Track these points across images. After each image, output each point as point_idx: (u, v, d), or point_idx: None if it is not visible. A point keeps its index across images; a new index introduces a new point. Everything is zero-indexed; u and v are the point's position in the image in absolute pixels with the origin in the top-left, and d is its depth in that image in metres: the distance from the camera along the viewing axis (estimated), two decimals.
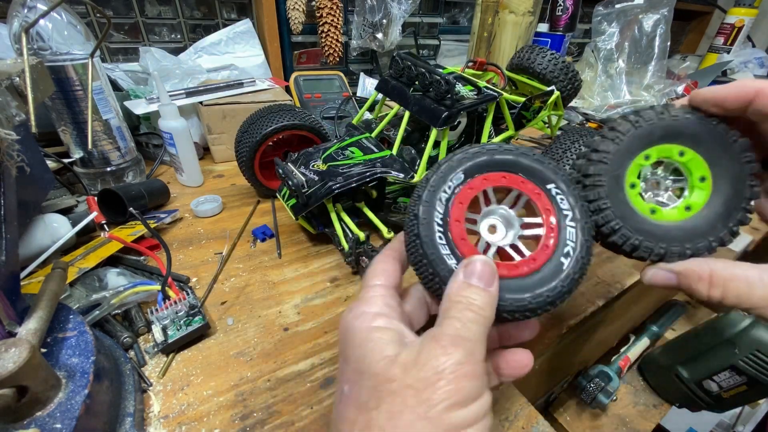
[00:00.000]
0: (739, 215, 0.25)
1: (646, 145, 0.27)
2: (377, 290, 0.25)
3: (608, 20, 1.08)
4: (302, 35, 0.88)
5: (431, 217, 0.25)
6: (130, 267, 0.43)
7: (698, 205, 0.27)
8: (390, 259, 0.28)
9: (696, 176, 0.27)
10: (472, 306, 0.22)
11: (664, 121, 0.26)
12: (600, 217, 0.27)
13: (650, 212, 0.27)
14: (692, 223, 0.26)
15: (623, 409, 0.75)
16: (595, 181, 0.27)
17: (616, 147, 0.26)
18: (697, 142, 0.26)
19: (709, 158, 0.26)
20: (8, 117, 0.30)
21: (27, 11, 0.43)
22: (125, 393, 0.29)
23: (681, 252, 0.25)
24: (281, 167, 0.45)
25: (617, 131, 0.27)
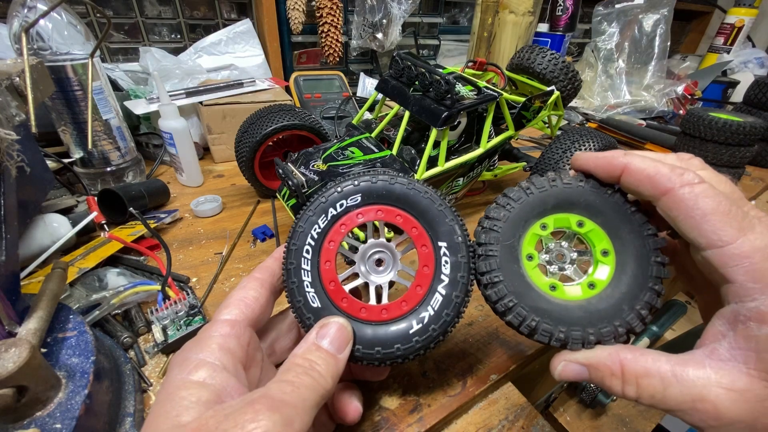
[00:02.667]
0: (647, 296, 0.22)
1: (540, 213, 0.24)
2: (220, 328, 0.22)
3: (608, 20, 1.08)
4: (302, 35, 0.88)
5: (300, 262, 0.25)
6: (130, 267, 0.43)
7: (602, 283, 0.24)
8: (255, 284, 0.25)
9: (598, 249, 0.24)
10: (312, 371, 0.21)
11: (556, 188, 0.24)
12: (493, 292, 0.24)
13: (550, 289, 0.24)
14: (596, 304, 0.23)
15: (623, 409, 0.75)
16: (487, 251, 0.24)
17: (507, 214, 0.24)
18: (594, 212, 0.24)
19: (609, 230, 0.24)
20: (8, 117, 0.30)
21: (27, 11, 0.43)
22: (125, 393, 0.29)
23: (584, 338, 0.22)
24: (281, 167, 0.45)
25: (508, 197, 0.25)
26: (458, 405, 0.31)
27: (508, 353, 0.36)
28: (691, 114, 0.70)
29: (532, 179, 0.25)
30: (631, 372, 0.21)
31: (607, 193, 0.24)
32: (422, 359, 0.34)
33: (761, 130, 0.65)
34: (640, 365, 0.20)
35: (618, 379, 0.21)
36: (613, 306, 0.23)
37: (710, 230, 0.19)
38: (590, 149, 0.48)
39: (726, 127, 0.65)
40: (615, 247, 0.24)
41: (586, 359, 0.22)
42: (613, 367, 0.21)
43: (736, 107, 0.85)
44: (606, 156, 0.23)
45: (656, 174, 0.21)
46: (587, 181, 0.24)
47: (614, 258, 0.24)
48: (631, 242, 0.23)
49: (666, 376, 0.20)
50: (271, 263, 0.27)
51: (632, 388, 0.20)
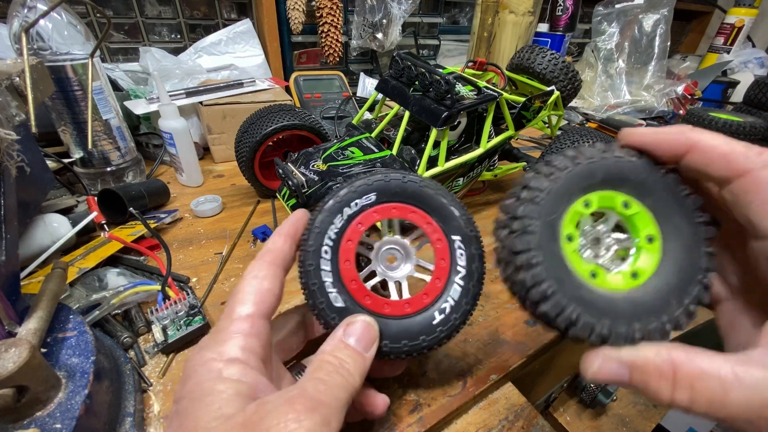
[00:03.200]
0: (696, 290, 0.20)
1: (587, 188, 0.21)
2: (240, 325, 0.21)
3: (608, 20, 1.08)
4: (302, 35, 0.88)
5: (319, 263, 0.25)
6: (130, 267, 0.43)
7: (647, 272, 0.21)
8: (268, 269, 0.23)
9: (643, 235, 0.21)
10: (342, 370, 0.21)
11: (607, 161, 0.21)
12: (529, 276, 0.20)
13: (590, 276, 0.21)
14: (641, 296, 0.21)
15: (623, 409, 0.75)
16: (525, 226, 0.20)
17: (552, 186, 0.21)
18: (644, 192, 0.21)
19: (657, 214, 0.21)
20: (8, 117, 0.30)
21: (27, 11, 0.43)
22: (125, 393, 0.29)
23: (629, 334, 0.20)
24: (281, 167, 0.45)
25: (553, 166, 0.21)
26: (458, 405, 0.31)
27: (508, 353, 0.36)
28: (691, 114, 0.70)
29: (579, 148, 0.22)
30: (685, 374, 0.17)
31: (662, 171, 0.21)
32: (422, 359, 0.34)
33: (761, 130, 0.65)
34: (696, 365, 0.17)
35: (668, 381, 0.18)
36: (661, 299, 0.20)
37: None
38: None
39: (726, 127, 0.65)
40: (662, 233, 0.21)
41: (631, 358, 0.19)
42: (663, 367, 0.18)
43: (736, 107, 0.85)
44: (670, 131, 0.20)
45: (732, 152, 0.18)
46: (640, 156, 0.21)
47: (660, 245, 0.21)
48: (681, 228, 0.21)
49: (727, 379, 0.17)
50: (280, 243, 0.25)
51: (685, 393, 0.17)
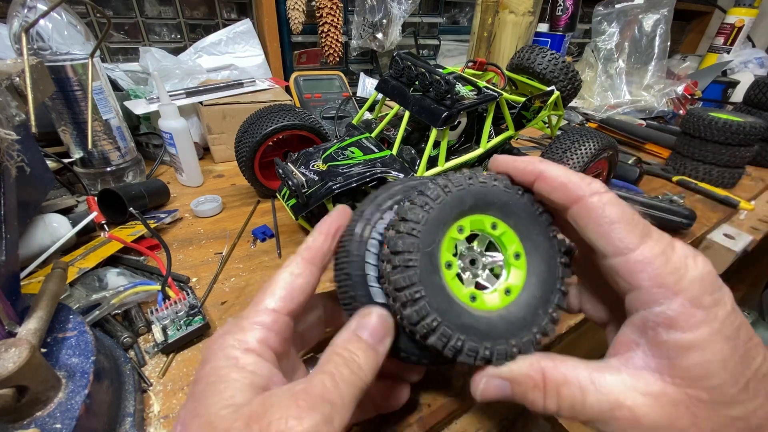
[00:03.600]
0: (557, 298, 0.22)
1: (459, 215, 0.22)
2: (263, 316, 0.21)
3: (608, 20, 1.08)
4: (302, 35, 0.88)
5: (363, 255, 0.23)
6: (130, 267, 0.43)
7: (517, 287, 0.23)
8: (304, 266, 0.23)
9: (511, 252, 0.23)
10: (352, 363, 0.20)
11: (474, 187, 0.22)
12: (414, 312, 0.20)
13: (470, 299, 0.22)
14: (515, 312, 0.22)
15: None
16: (405, 261, 0.21)
17: (427, 216, 0.21)
18: (507, 213, 0.23)
19: (520, 232, 0.23)
20: (8, 117, 0.30)
21: (27, 11, 0.43)
22: (125, 393, 0.29)
23: (508, 351, 0.21)
24: (281, 167, 0.45)
25: (426, 196, 0.22)
26: (458, 405, 0.31)
27: None
28: (691, 114, 0.70)
29: (448, 176, 0.23)
30: (552, 381, 0.20)
31: (518, 193, 0.23)
32: None
33: (761, 130, 0.65)
34: (560, 372, 0.20)
35: (540, 391, 0.20)
36: (530, 311, 0.22)
37: (617, 237, 0.19)
38: (590, 149, 0.48)
39: (726, 127, 0.65)
40: (526, 249, 0.23)
41: (509, 373, 0.21)
42: (535, 377, 0.20)
43: (736, 107, 0.85)
44: (524, 160, 0.23)
45: (569, 182, 0.21)
46: (500, 179, 0.23)
47: (525, 260, 0.23)
48: (540, 244, 0.23)
49: (584, 384, 0.19)
50: (319, 241, 0.24)
51: (553, 400, 0.20)
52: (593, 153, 0.48)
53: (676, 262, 0.19)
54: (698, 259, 0.19)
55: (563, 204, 0.21)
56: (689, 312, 0.18)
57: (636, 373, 0.19)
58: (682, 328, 0.18)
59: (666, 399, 0.18)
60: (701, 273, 0.18)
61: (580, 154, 0.48)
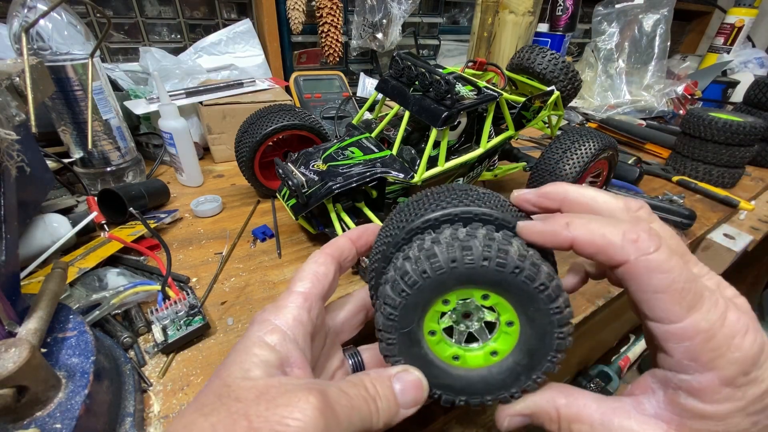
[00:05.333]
0: (545, 367, 0.23)
1: (441, 293, 0.22)
2: (295, 299, 0.23)
3: (608, 20, 1.08)
4: (302, 35, 0.88)
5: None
6: (130, 267, 0.43)
7: (504, 352, 0.23)
8: (327, 259, 0.26)
9: (503, 320, 0.23)
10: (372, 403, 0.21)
11: (457, 270, 0.21)
12: None
13: (453, 359, 0.24)
14: (496, 374, 0.23)
15: None
16: (385, 338, 0.23)
17: (403, 302, 0.22)
18: (500, 289, 0.22)
19: (515, 305, 0.22)
20: (8, 117, 0.30)
21: (27, 11, 0.43)
22: (125, 393, 0.29)
23: (482, 402, 0.24)
24: (281, 167, 0.45)
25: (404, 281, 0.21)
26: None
27: None
28: (691, 114, 0.70)
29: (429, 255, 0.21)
30: (565, 417, 0.21)
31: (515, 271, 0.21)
32: None
33: (761, 130, 0.65)
34: (573, 411, 0.21)
35: (555, 424, 0.22)
36: (512, 376, 0.23)
37: (660, 308, 0.18)
38: (590, 150, 0.48)
39: (726, 127, 0.65)
40: (520, 321, 0.22)
41: (528, 409, 0.23)
42: (551, 412, 0.22)
43: (736, 107, 0.85)
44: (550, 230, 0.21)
45: (608, 245, 0.19)
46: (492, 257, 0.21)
47: (518, 330, 0.23)
48: (536, 318, 0.22)
49: (594, 424, 0.21)
50: (343, 242, 0.27)
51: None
52: (593, 153, 0.48)
53: (720, 340, 0.17)
54: (748, 337, 0.17)
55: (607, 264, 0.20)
56: (716, 389, 0.17)
57: (645, 420, 0.20)
58: (704, 399, 0.18)
59: None
60: (745, 355, 0.17)
61: (580, 154, 0.48)
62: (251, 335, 0.22)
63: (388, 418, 0.22)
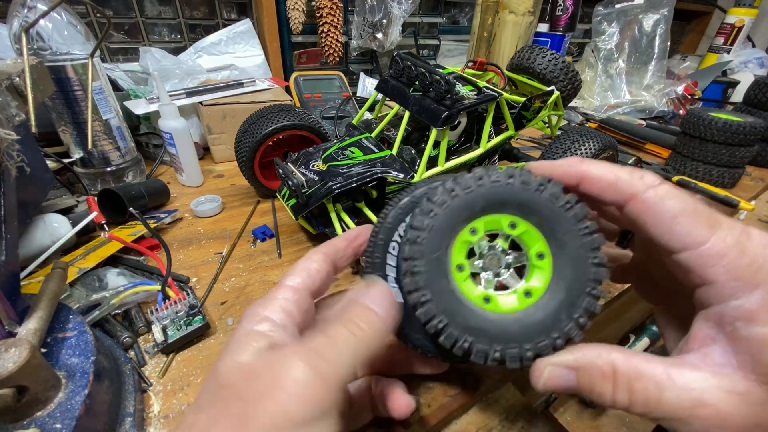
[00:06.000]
0: (585, 302, 0.21)
1: (469, 217, 0.22)
2: (284, 291, 0.23)
3: (608, 20, 1.08)
4: (302, 35, 0.88)
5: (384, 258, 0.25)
6: (130, 267, 0.43)
7: (539, 290, 0.22)
8: (320, 257, 0.26)
9: (533, 252, 0.22)
10: (350, 324, 0.20)
11: (484, 187, 0.21)
12: (422, 313, 0.21)
13: (483, 301, 0.22)
14: (533, 315, 0.21)
15: None
16: (411, 267, 0.21)
17: (432, 223, 0.21)
18: (527, 211, 0.21)
19: (544, 230, 0.21)
20: (8, 117, 0.30)
21: (27, 11, 0.43)
22: (125, 393, 0.29)
23: (521, 355, 0.21)
24: (281, 167, 0.45)
25: (432, 203, 0.22)
26: (458, 405, 0.31)
27: None
28: (691, 114, 0.70)
29: (457, 179, 0.22)
30: (623, 374, 0.19)
31: (540, 188, 0.21)
32: None
33: (761, 130, 0.65)
34: (633, 366, 0.19)
35: (609, 382, 0.19)
36: (551, 316, 0.21)
37: (683, 232, 0.18)
38: (590, 149, 0.48)
39: (726, 127, 0.65)
40: (551, 248, 0.22)
41: (575, 362, 0.20)
42: (604, 367, 0.19)
43: (736, 107, 0.85)
44: (562, 164, 0.22)
45: (617, 180, 0.20)
46: (516, 176, 0.21)
47: (550, 261, 0.22)
48: (567, 242, 0.21)
49: (661, 379, 0.18)
50: (339, 242, 0.27)
51: (624, 394, 0.19)
52: (593, 153, 0.48)
53: (752, 252, 0.17)
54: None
55: (617, 203, 0.20)
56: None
57: (718, 370, 0.18)
58: (764, 321, 0.17)
59: (753, 398, 0.17)
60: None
61: (580, 154, 0.48)
62: (242, 328, 0.22)
63: (376, 328, 0.21)
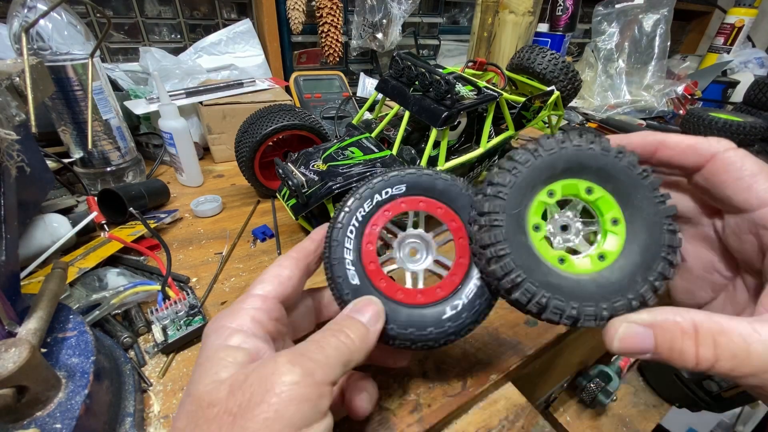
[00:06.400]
0: (660, 266, 0.21)
1: (549, 178, 0.23)
2: (252, 301, 0.23)
3: (608, 20, 1.08)
4: (302, 35, 0.88)
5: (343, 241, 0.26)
6: (130, 267, 0.43)
7: (613, 254, 0.22)
8: (291, 262, 0.26)
9: (608, 218, 0.23)
10: (340, 333, 0.21)
11: (566, 150, 0.22)
12: (498, 267, 0.22)
13: (558, 261, 0.23)
14: (608, 276, 0.22)
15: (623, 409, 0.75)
16: (491, 221, 0.22)
17: (514, 180, 0.22)
18: (604, 177, 0.22)
19: (619, 197, 0.22)
20: (8, 117, 0.30)
21: (27, 11, 0.43)
22: (125, 393, 0.29)
23: (597, 313, 0.21)
24: (281, 167, 0.45)
25: (515, 161, 0.22)
26: (458, 405, 0.31)
27: (508, 353, 0.36)
28: (691, 114, 0.70)
29: (539, 140, 0.23)
30: (707, 329, 0.18)
31: (618, 155, 0.22)
32: (422, 359, 0.34)
33: (761, 130, 0.65)
34: (716, 321, 0.18)
35: (691, 339, 0.18)
36: (627, 277, 0.21)
37: (763, 188, 0.19)
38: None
39: (726, 127, 0.65)
40: (625, 215, 0.22)
41: (653, 319, 0.19)
42: (684, 325, 0.18)
43: (736, 107, 0.85)
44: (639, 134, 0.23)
45: (696, 143, 0.21)
46: (597, 142, 0.22)
47: (624, 227, 0.22)
48: (642, 209, 0.22)
49: (747, 332, 0.17)
50: (308, 244, 0.27)
51: (709, 350, 0.17)
52: None
53: None
54: None
55: (695, 164, 0.21)
56: None
57: None
58: None
59: None
60: None
61: None
62: (211, 345, 0.21)
63: (363, 338, 0.22)
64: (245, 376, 0.18)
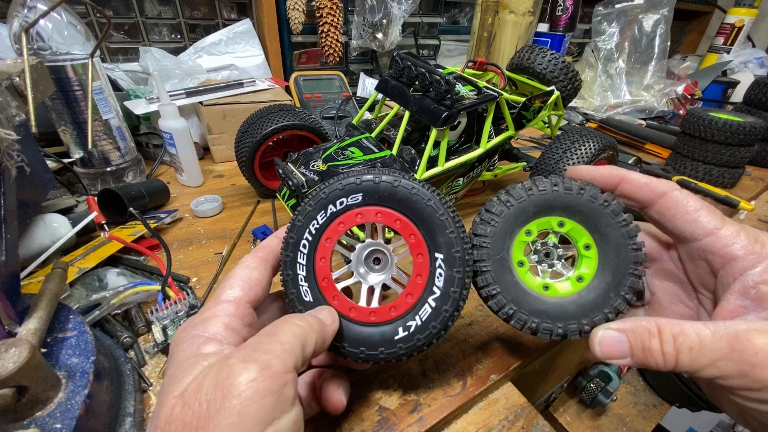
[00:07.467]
0: (629, 281, 0.25)
1: (524, 221, 0.27)
2: (224, 308, 0.23)
3: (608, 20, 1.08)
4: (302, 35, 0.88)
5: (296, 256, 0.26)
6: (130, 267, 0.43)
7: (589, 275, 0.26)
8: (257, 262, 0.25)
9: (581, 244, 0.27)
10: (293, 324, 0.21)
11: (534, 197, 0.26)
12: (494, 303, 0.27)
13: (543, 289, 0.27)
14: (586, 296, 0.26)
15: (623, 409, 0.75)
16: (481, 267, 0.26)
17: (493, 230, 0.26)
18: (571, 211, 0.26)
19: (587, 225, 0.26)
20: (8, 117, 0.30)
21: (27, 11, 0.43)
22: (125, 393, 0.29)
23: (580, 329, 0.25)
24: (281, 167, 0.45)
25: (491, 213, 0.27)
26: (458, 405, 0.31)
27: (508, 353, 0.36)
28: (691, 114, 0.70)
29: (509, 191, 0.27)
30: (667, 330, 0.22)
31: (581, 191, 0.26)
32: (422, 359, 0.34)
33: (761, 130, 0.65)
34: (675, 323, 0.22)
35: (656, 338, 0.22)
36: (601, 295, 0.25)
37: (705, 221, 0.24)
38: (590, 149, 0.48)
39: (726, 127, 0.65)
40: (595, 240, 0.26)
41: (624, 324, 0.23)
42: (650, 326, 0.22)
43: (736, 107, 0.85)
44: (603, 169, 0.27)
45: (651, 182, 0.25)
46: (559, 184, 0.26)
47: (596, 250, 0.26)
48: (608, 233, 0.25)
49: (699, 329, 0.21)
50: (275, 243, 0.27)
51: (670, 346, 0.21)
52: (593, 153, 0.48)
53: (754, 236, 0.23)
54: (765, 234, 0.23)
55: (649, 200, 0.25)
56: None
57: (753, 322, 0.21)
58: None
59: None
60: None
61: (580, 154, 0.48)
62: (183, 353, 0.20)
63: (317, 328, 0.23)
64: (198, 386, 0.18)
